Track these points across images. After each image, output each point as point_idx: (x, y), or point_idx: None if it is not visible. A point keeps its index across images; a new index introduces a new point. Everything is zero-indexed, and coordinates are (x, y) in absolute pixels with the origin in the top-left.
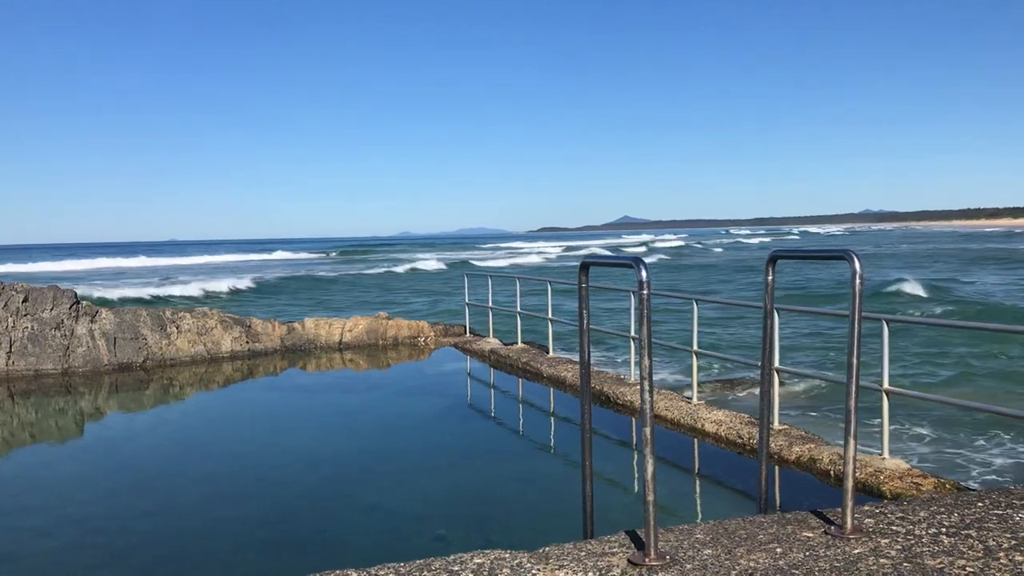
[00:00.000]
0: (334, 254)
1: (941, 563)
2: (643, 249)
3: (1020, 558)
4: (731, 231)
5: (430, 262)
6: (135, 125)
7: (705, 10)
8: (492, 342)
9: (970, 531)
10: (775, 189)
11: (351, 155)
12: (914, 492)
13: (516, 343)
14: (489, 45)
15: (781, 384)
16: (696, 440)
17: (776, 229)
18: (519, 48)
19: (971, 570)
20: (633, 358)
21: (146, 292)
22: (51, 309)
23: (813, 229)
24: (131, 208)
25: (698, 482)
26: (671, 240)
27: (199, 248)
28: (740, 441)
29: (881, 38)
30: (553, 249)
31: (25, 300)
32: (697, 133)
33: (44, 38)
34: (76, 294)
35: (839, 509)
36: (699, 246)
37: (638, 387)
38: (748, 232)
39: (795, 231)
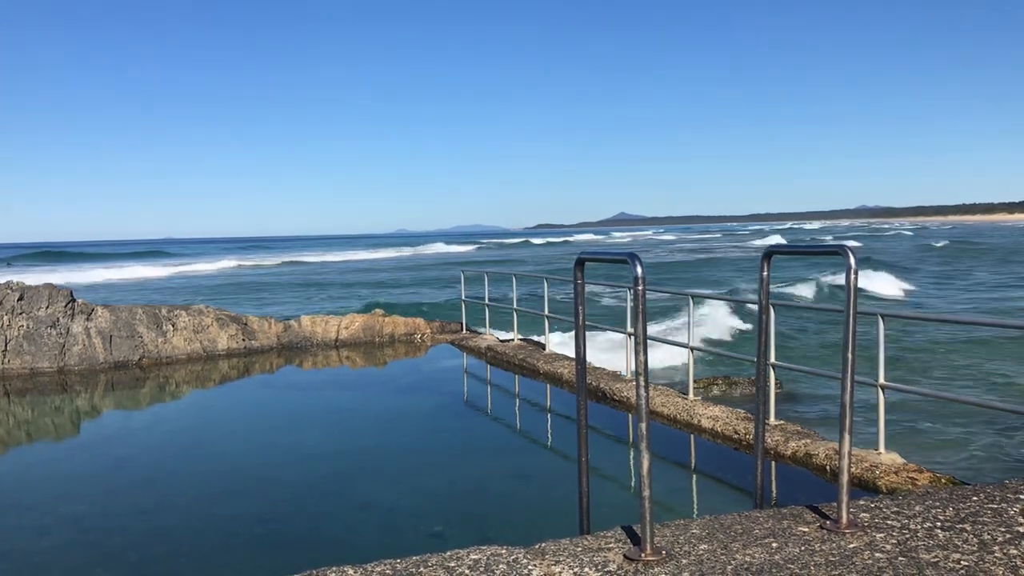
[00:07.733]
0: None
1: (936, 557)
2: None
3: (1015, 552)
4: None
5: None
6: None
7: (703, 7)
8: (489, 339)
9: (965, 525)
10: (770, 185)
11: (345, 152)
12: (910, 486)
13: (513, 339)
14: (484, 43)
15: (776, 380)
16: (692, 436)
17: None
18: (515, 46)
19: (966, 564)
20: (629, 354)
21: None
22: (47, 307)
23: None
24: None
25: (694, 478)
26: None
27: (246, 246)
28: (736, 437)
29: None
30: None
31: (20, 298)
32: (693, 130)
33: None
34: (72, 292)
35: (835, 504)
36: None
37: (634, 383)
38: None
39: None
